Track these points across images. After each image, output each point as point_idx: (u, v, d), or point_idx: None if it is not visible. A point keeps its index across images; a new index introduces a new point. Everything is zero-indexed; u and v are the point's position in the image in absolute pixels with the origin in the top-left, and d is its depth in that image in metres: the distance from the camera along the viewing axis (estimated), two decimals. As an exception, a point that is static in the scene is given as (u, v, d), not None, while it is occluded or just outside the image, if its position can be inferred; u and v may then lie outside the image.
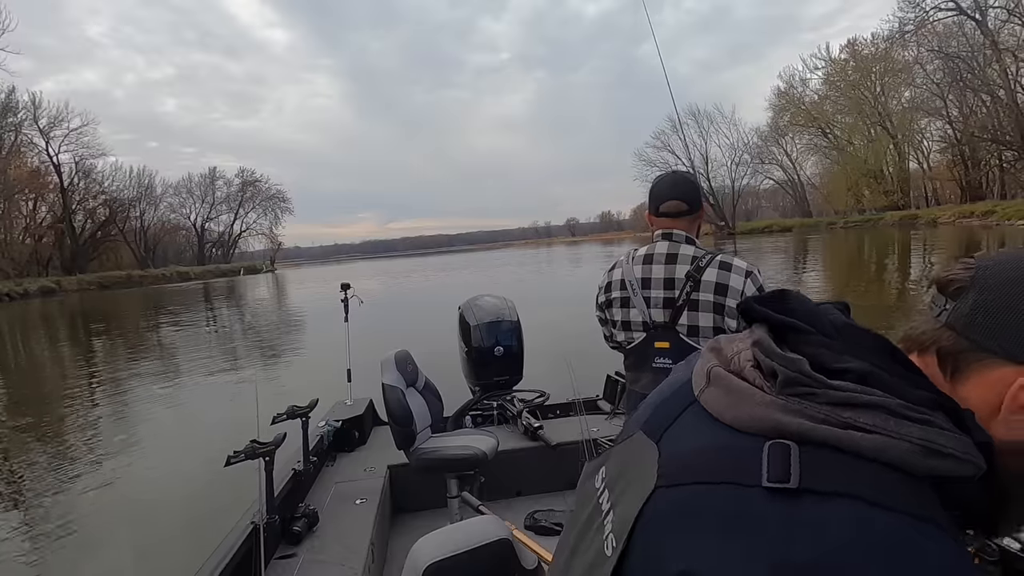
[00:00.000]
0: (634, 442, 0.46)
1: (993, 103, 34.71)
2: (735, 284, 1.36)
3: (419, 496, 2.62)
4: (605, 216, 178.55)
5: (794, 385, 0.38)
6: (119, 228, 53.16)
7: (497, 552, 0.94)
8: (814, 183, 52.88)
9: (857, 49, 43.76)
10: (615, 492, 0.43)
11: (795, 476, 0.33)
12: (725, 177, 53.76)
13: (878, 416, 0.35)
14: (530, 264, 33.01)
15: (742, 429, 0.38)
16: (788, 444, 0.35)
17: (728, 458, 0.37)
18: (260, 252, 73.88)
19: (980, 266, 0.40)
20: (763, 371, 0.40)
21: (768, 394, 0.38)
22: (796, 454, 0.34)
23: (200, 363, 9.00)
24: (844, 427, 0.35)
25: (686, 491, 0.37)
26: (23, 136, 43.08)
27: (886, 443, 0.34)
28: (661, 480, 0.38)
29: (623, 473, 0.44)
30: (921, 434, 0.35)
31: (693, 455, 0.39)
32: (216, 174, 64.63)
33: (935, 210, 37.19)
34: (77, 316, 21.85)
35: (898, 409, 0.36)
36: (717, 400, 0.41)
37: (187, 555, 2.04)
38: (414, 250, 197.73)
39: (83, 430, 5.79)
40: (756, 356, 0.41)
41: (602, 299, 1.59)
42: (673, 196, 1.47)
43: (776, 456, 0.35)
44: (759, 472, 0.34)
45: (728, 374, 0.41)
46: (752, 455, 0.35)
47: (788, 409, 0.37)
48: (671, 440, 0.42)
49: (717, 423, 0.40)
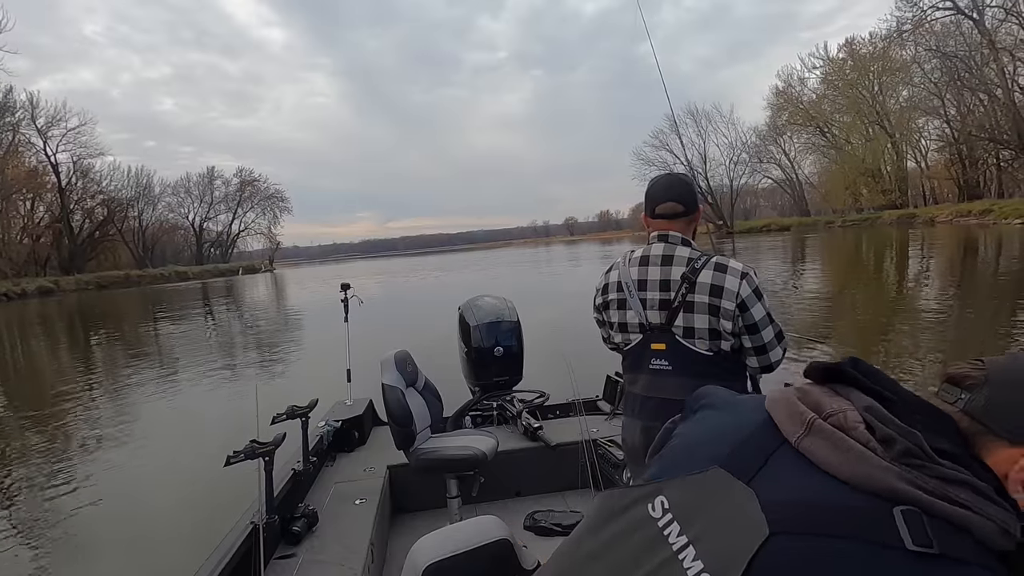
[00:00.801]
0: (712, 478, 0.47)
1: (990, 102, 34.76)
2: (730, 286, 1.35)
3: (419, 496, 2.62)
4: (603, 215, 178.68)
5: (910, 456, 0.43)
6: (117, 228, 53.00)
7: (496, 552, 0.94)
8: (812, 182, 52.95)
9: (855, 48, 43.82)
10: (695, 526, 0.45)
11: (935, 543, 0.38)
12: (723, 176, 53.84)
13: (969, 493, 0.42)
14: (529, 263, 32.99)
15: (856, 487, 0.42)
16: (918, 512, 0.40)
17: (855, 516, 0.41)
18: (258, 252, 73.78)
19: (992, 368, 0.50)
20: (875, 435, 0.45)
21: (882, 459, 0.43)
22: (927, 522, 0.39)
23: (199, 363, 8.98)
24: (952, 503, 0.41)
25: (813, 541, 0.40)
26: (21, 136, 42.93)
27: (980, 521, 0.41)
28: (776, 526, 0.41)
29: (702, 508, 0.46)
30: (999, 515, 0.42)
31: (807, 503, 0.42)
32: (214, 173, 64.57)
33: (933, 209, 37.25)
34: (75, 316, 21.79)
35: (983, 490, 0.43)
36: (825, 453, 0.45)
37: (187, 555, 2.04)
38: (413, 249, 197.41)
39: (82, 430, 5.77)
40: (868, 420, 0.46)
41: (599, 301, 1.59)
42: (669, 198, 1.47)
43: (914, 524, 0.39)
44: (897, 534, 0.39)
45: (835, 430, 0.46)
46: (881, 516, 0.40)
47: (904, 477, 0.42)
48: (768, 484, 0.44)
49: (821, 473, 0.44)
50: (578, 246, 67.48)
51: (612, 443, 2.54)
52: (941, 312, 8.11)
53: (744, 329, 1.37)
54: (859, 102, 43.01)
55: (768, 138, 52.63)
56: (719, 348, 1.38)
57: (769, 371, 1.43)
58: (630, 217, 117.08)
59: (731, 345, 1.39)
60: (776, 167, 54.24)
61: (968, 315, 7.84)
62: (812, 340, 6.68)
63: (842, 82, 44.39)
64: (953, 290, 10.04)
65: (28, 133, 43.67)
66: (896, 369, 5.42)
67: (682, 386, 1.39)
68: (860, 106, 43.00)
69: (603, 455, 2.52)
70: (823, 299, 10.36)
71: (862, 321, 8.10)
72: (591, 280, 1.72)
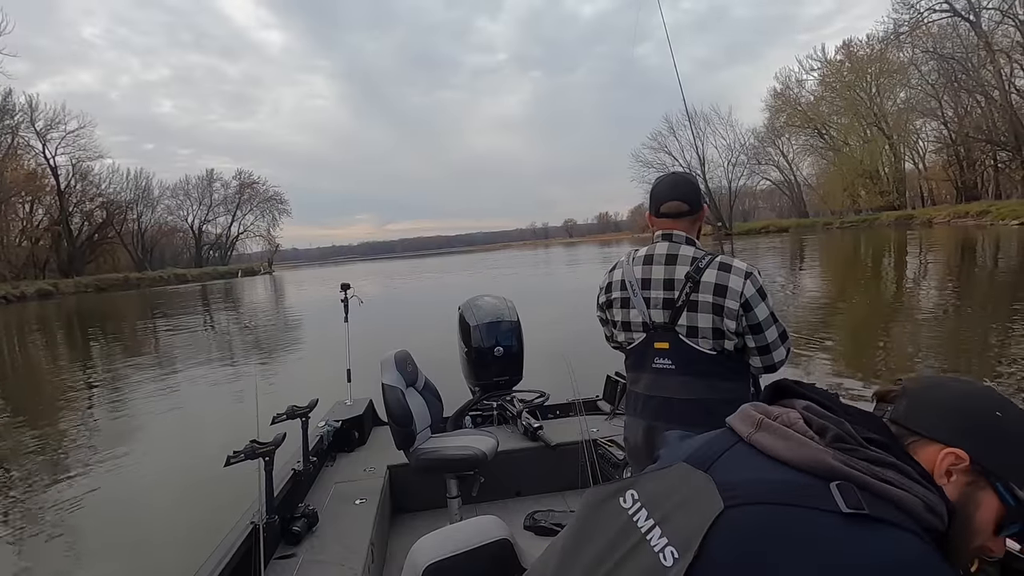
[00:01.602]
0: (675, 470, 0.55)
1: (987, 104, 34.89)
2: (734, 285, 1.35)
3: (419, 496, 2.62)
4: (602, 217, 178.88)
5: (841, 441, 0.52)
6: (116, 230, 52.94)
7: (496, 552, 0.94)
8: (810, 183, 53.06)
9: (852, 50, 43.96)
10: (657, 511, 0.52)
11: (865, 507, 0.45)
12: (722, 178, 53.93)
13: (895, 474, 0.50)
14: (529, 265, 33.01)
15: (799, 468, 0.50)
16: (851, 484, 0.47)
17: (798, 488, 0.48)
18: (258, 254, 73.80)
19: (908, 382, 0.61)
20: (813, 428, 0.54)
21: (820, 444, 0.52)
22: (858, 492, 0.47)
23: (199, 364, 8.97)
24: (880, 480, 0.49)
25: (763, 509, 0.46)
26: (20, 138, 42.91)
27: (904, 495, 0.48)
28: (729, 501, 0.47)
29: (668, 495, 0.52)
30: (924, 494, 0.50)
31: (759, 482, 0.49)
32: (213, 176, 64.55)
33: (930, 210, 37.35)
34: (74, 318, 21.75)
35: (907, 472, 0.51)
36: (772, 442, 0.53)
37: (186, 555, 2.04)
38: (412, 251, 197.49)
39: (81, 431, 5.77)
40: (806, 416, 0.55)
41: (603, 299, 1.59)
42: (673, 197, 1.46)
43: (848, 492, 0.47)
44: (833, 502, 0.46)
45: (779, 424, 0.54)
46: (820, 489, 0.47)
47: (838, 458, 0.50)
48: (723, 470, 0.52)
49: (770, 460, 0.52)
50: (577, 248, 67.56)
51: (612, 443, 2.54)
52: (938, 311, 8.13)
53: (748, 329, 1.37)
54: (857, 104, 43.14)
55: (766, 140, 52.75)
56: (722, 347, 1.39)
57: (772, 371, 1.43)
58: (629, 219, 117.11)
59: (734, 345, 1.39)
60: (774, 169, 54.40)
61: (967, 313, 7.86)
62: (807, 339, 6.68)
63: (840, 84, 44.53)
64: (950, 290, 10.07)
65: (27, 136, 43.70)
66: (894, 368, 5.42)
67: (685, 385, 1.40)
68: (858, 108, 43.13)
69: (603, 455, 2.52)
70: (821, 298, 10.38)
71: (860, 319, 8.12)
72: (590, 280, 1.73)
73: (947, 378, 0.62)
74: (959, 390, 0.59)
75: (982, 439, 0.54)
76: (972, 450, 0.53)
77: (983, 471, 0.54)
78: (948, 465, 0.54)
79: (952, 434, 0.55)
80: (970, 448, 0.53)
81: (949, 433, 0.55)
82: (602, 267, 1.69)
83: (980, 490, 0.54)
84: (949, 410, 0.57)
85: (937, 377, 0.63)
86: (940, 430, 0.55)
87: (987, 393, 0.59)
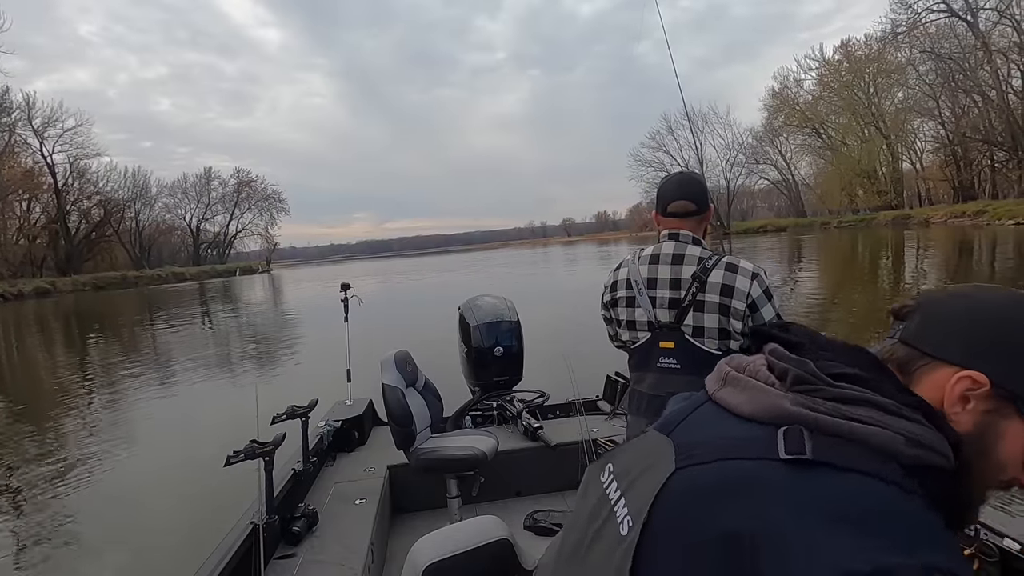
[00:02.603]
0: (643, 438, 0.51)
1: (984, 104, 34.98)
2: (741, 286, 1.35)
3: (419, 496, 2.62)
4: (601, 216, 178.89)
5: (802, 383, 0.45)
6: (114, 229, 52.79)
7: (497, 552, 0.94)
8: (808, 183, 53.12)
9: (850, 50, 44.03)
10: (624, 481, 0.49)
11: (809, 450, 0.40)
12: (720, 177, 53.99)
13: (868, 410, 0.43)
14: (527, 264, 33.02)
15: (758, 419, 0.45)
16: (800, 428, 0.42)
17: (748, 440, 0.43)
18: (256, 252, 73.66)
19: (924, 294, 0.52)
20: (775, 374, 0.48)
21: (779, 390, 0.46)
22: (807, 435, 0.41)
23: (199, 363, 8.95)
24: (844, 418, 0.42)
25: (710, 468, 0.42)
26: (17, 136, 42.73)
27: (875, 431, 0.42)
28: (681, 462, 0.44)
29: (634, 464, 0.49)
30: (904, 426, 0.42)
31: (713, 440, 0.45)
32: (211, 174, 64.43)
33: (928, 210, 37.46)
34: (72, 317, 21.69)
35: (885, 405, 0.43)
36: (733, 396, 0.48)
37: (186, 555, 2.03)
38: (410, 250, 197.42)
39: (81, 431, 5.75)
40: (769, 361, 0.49)
41: (607, 298, 1.58)
42: (680, 196, 1.46)
43: (792, 437, 0.41)
44: (776, 449, 0.41)
45: (743, 376, 0.49)
46: (770, 437, 0.42)
47: (797, 402, 0.44)
48: (684, 432, 0.48)
49: (733, 416, 0.47)
50: (576, 247, 67.55)
51: (612, 443, 2.55)
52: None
53: None
54: (854, 104, 43.23)
55: (764, 139, 52.87)
56: (728, 347, 1.39)
57: None
58: (627, 218, 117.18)
59: (740, 345, 1.39)
60: (772, 168, 54.49)
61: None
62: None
63: (838, 84, 44.60)
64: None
65: (24, 134, 43.55)
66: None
67: (690, 385, 1.38)
68: (855, 108, 43.22)
69: (603, 455, 2.52)
70: (819, 297, 10.40)
71: (858, 318, 8.14)
72: (589, 279, 1.73)
73: (971, 287, 0.51)
74: (980, 300, 0.49)
75: (1005, 358, 0.45)
76: (993, 372, 0.45)
77: (1008, 395, 0.45)
78: (963, 391, 0.45)
79: (967, 354, 0.46)
80: (990, 370, 0.45)
81: (963, 353, 0.46)
82: (600, 266, 1.68)
83: (1004, 418, 0.45)
84: (964, 325, 0.48)
85: (959, 287, 0.51)
86: (952, 349, 0.47)
87: (1016, 301, 0.48)
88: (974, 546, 1.18)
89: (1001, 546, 1.20)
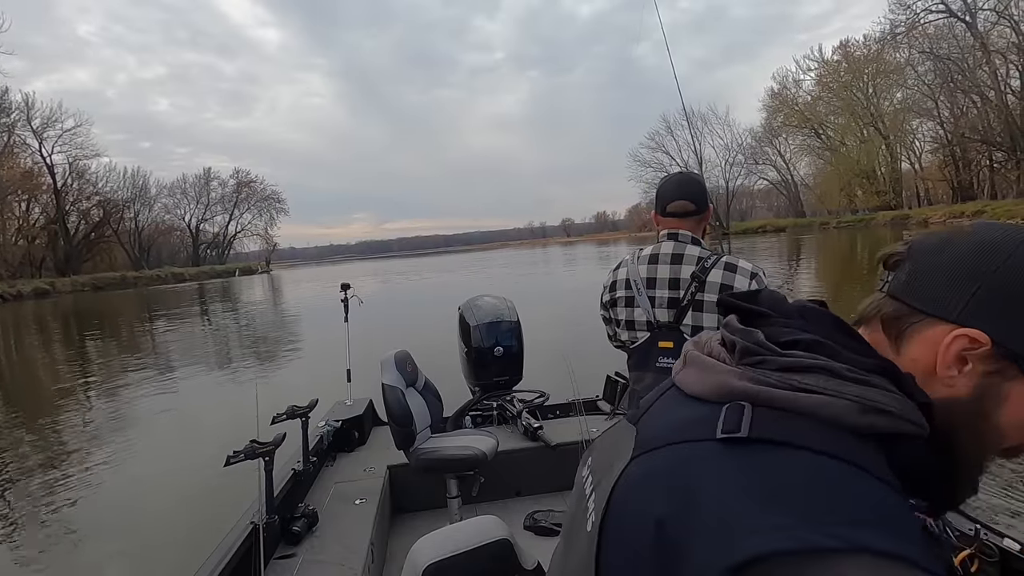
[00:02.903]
0: (615, 429, 0.49)
1: (983, 104, 35.03)
2: (740, 285, 1.36)
3: (419, 496, 2.62)
4: (600, 216, 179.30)
5: (749, 355, 0.42)
6: (113, 229, 52.79)
7: (497, 552, 0.94)
8: (807, 183, 53.20)
9: (849, 51, 44.11)
10: (596, 476, 0.46)
11: (745, 427, 0.36)
12: (719, 178, 54.05)
13: (820, 378, 0.39)
14: (527, 264, 33.02)
15: (708, 398, 0.41)
16: (743, 404, 0.38)
17: (693, 421, 0.40)
18: (255, 253, 73.73)
19: (916, 239, 0.46)
20: (727, 347, 0.44)
21: (728, 365, 0.42)
22: (748, 411, 0.38)
23: (199, 363, 8.96)
24: (789, 389, 0.38)
25: (657, 453, 0.40)
26: (16, 137, 42.76)
27: (825, 401, 0.37)
28: (637, 451, 0.41)
29: (605, 457, 0.47)
30: (859, 392, 0.38)
31: (665, 425, 0.42)
32: (211, 174, 64.44)
33: (926, 210, 37.47)
34: (72, 317, 21.66)
35: (839, 371, 0.39)
36: (688, 376, 0.45)
37: (186, 555, 2.03)
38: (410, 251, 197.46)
39: (81, 431, 5.74)
40: (723, 335, 0.46)
41: (606, 298, 1.58)
42: (679, 196, 1.47)
43: (731, 414, 0.38)
44: (716, 429, 0.37)
45: (700, 354, 0.46)
46: (715, 416, 0.38)
47: (742, 376, 0.40)
48: (647, 420, 0.45)
49: (689, 398, 0.43)
50: (575, 247, 67.57)
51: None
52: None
53: None
54: (853, 104, 43.30)
55: (763, 140, 52.97)
56: None
57: None
58: (626, 218, 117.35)
59: None
60: (772, 168, 54.57)
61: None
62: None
63: (836, 84, 44.67)
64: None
65: (24, 134, 43.60)
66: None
67: None
68: (854, 108, 43.29)
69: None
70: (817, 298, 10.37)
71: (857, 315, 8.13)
72: (588, 279, 1.73)
73: (969, 227, 0.43)
74: (980, 245, 0.41)
75: (1009, 313, 0.39)
76: (994, 330, 0.39)
77: (1010, 355, 0.39)
78: (959, 351, 0.40)
79: (963, 310, 0.40)
80: (991, 327, 0.39)
81: (959, 308, 0.40)
82: (599, 266, 1.68)
83: (1008, 380, 0.40)
84: (960, 276, 0.41)
85: (957, 228, 0.44)
86: (946, 305, 0.41)
87: (1018, 243, 0.40)
88: (974, 546, 1.17)
89: (1001, 546, 1.19)
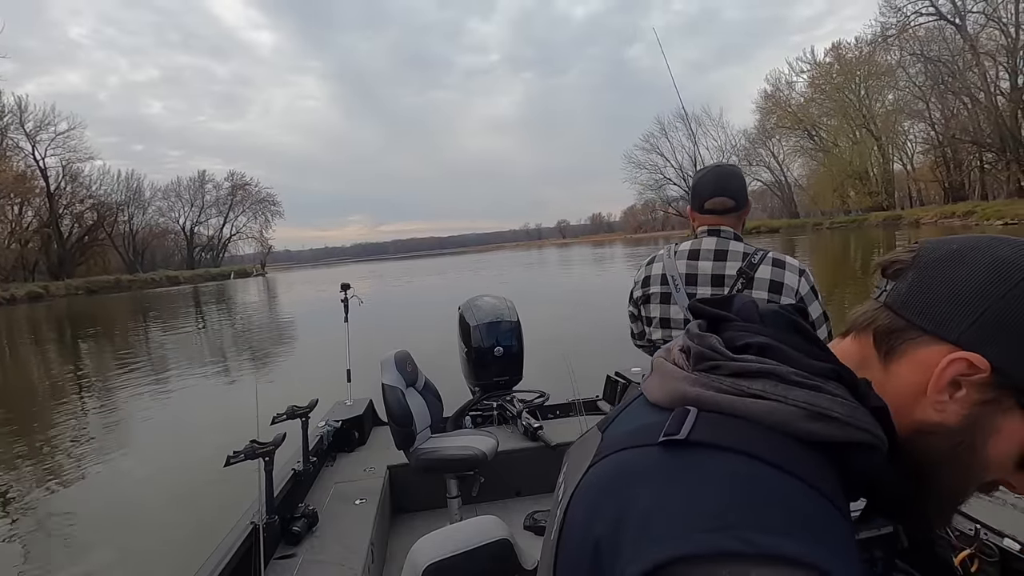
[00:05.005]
0: (588, 437, 0.49)
1: (973, 106, 35.43)
2: (790, 282, 1.30)
3: (419, 496, 2.62)
4: (596, 218, 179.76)
5: (704, 360, 0.41)
6: (107, 232, 52.48)
7: (496, 553, 0.94)
8: (801, 184, 53.60)
9: (841, 53, 44.53)
10: (567, 481, 0.46)
11: (685, 430, 0.36)
12: (714, 179, 54.19)
13: (768, 383, 0.37)
14: (523, 266, 33.04)
15: (664, 405, 0.41)
16: (689, 408, 0.38)
17: (644, 427, 0.39)
18: (250, 256, 73.39)
19: (924, 247, 0.42)
20: (686, 353, 0.43)
21: (684, 371, 0.42)
22: (693, 415, 0.37)
23: (198, 365, 8.91)
24: (736, 394, 0.37)
25: (608, 460, 0.39)
26: (9, 140, 42.48)
27: (771, 407, 0.36)
28: (594, 459, 0.41)
29: (574, 465, 0.47)
30: (806, 398, 0.36)
31: (622, 432, 0.42)
32: (205, 177, 64.20)
33: (918, 210, 37.83)
34: (66, 321, 21.48)
35: (788, 376, 0.37)
36: (652, 384, 0.45)
37: (186, 555, 2.02)
38: (405, 253, 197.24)
39: (80, 433, 5.70)
40: (684, 343, 0.45)
41: (638, 294, 1.49)
42: (718, 192, 1.39)
43: (676, 418, 0.37)
44: (660, 433, 0.37)
45: (663, 360, 0.45)
46: (663, 422, 0.38)
47: (695, 382, 0.40)
48: (612, 429, 0.45)
49: (652, 406, 0.43)
50: (571, 249, 67.69)
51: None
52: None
53: None
54: (846, 106, 43.69)
55: (757, 141, 53.38)
56: None
57: None
58: (622, 220, 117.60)
59: None
60: (765, 170, 54.92)
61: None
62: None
63: (829, 86, 45.07)
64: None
65: (16, 137, 43.34)
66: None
67: None
68: (847, 110, 43.67)
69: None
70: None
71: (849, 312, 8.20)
72: (588, 279, 1.73)
73: (984, 241, 0.40)
74: (991, 261, 0.38)
75: (1015, 340, 0.36)
76: (996, 356, 0.36)
77: (1009, 384, 0.37)
78: (955, 375, 0.37)
79: (966, 332, 0.37)
80: (994, 353, 0.36)
81: (962, 330, 0.37)
82: (598, 267, 1.67)
83: (1002, 412, 0.38)
84: (967, 293, 0.38)
85: (969, 240, 0.40)
86: (948, 324, 0.38)
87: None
88: (974, 546, 1.16)
89: (1001, 546, 1.18)
